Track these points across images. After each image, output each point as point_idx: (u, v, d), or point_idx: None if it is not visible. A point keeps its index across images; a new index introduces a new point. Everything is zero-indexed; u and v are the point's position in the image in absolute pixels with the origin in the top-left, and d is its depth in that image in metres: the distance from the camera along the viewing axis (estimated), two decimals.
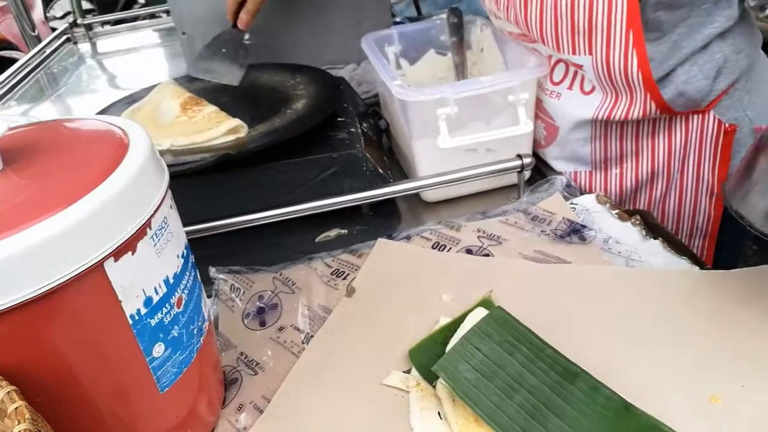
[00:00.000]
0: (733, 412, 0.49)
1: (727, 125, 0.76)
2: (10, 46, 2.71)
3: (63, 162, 0.44)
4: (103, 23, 1.78)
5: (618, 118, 0.76)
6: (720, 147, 0.77)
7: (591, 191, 0.85)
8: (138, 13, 1.99)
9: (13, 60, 1.79)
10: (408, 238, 0.73)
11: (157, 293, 0.45)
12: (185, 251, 0.50)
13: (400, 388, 0.55)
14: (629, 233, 0.70)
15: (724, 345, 0.55)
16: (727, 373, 0.52)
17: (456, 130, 0.76)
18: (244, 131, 0.81)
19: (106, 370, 0.43)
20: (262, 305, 0.67)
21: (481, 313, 0.59)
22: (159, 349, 0.46)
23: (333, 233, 0.79)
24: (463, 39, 0.97)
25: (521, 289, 0.63)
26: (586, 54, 0.73)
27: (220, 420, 0.55)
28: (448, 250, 0.71)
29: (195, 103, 0.85)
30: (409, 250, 0.71)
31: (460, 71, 0.96)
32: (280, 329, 0.64)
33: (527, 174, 0.80)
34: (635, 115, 0.75)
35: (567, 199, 0.76)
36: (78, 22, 1.71)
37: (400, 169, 0.93)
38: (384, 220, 0.81)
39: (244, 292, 0.69)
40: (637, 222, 0.71)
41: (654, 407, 0.49)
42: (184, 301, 0.48)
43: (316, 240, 0.78)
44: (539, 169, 0.87)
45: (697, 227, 0.84)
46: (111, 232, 0.41)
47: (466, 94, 0.75)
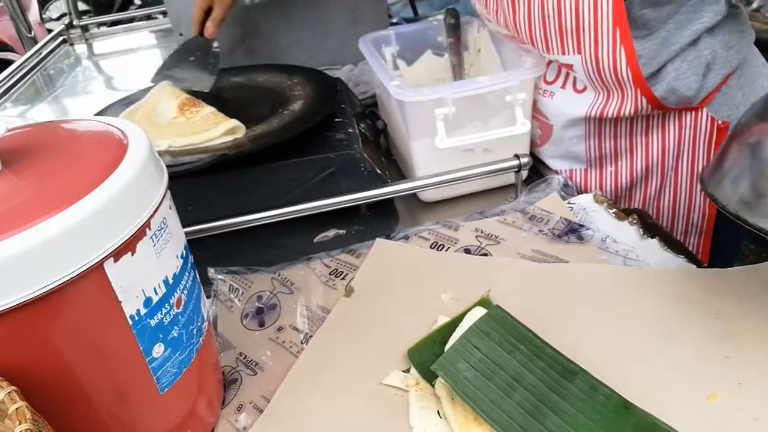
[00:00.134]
0: (731, 410, 0.49)
1: (720, 122, 0.76)
2: (6, 47, 2.71)
3: (62, 163, 0.44)
4: (100, 24, 1.77)
5: (611, 115, 0.77)
6: (713, 144, 0.78)
7: (586, 189, 0.86)
8: (134, 14, 1.99)
9: (9, 61, 1.79)
10: (406, 238, 0.74)
11: (156, 293, 0.45)
12: (184, 252, 0.50)
13: (399, 387, 0.55)
14: (626, 232, 0.70)
15: (721, 343, 0.55)
16: (725, 371, 0.53)
17: (453, 130, 0.77)
18: (241, 132, 0.81)
19: (106, 371, 0.43)
20: (260, 306, 0.67)
21: (479, 312, 0.59)
22: (159, 350, 0.46)
23: (331, 233, 0.79)
24: (460, 40, 0.97)
25: (519, 289, 0.64)
26: (575, 53, 0.74)
27: (219, 420, 0.55)
28: (447, 250, 0.71)
29: (192, 104, 0.85)
30: (407, 250, 0.72)
31: (458, 72, 0.97)
32: (279, 329, 0.64)
33: (524, 174, 0.81)
34: (627, 112, 0.76)
35: (564, 198, 0.77)
36: (74, 23, 1.71)
37: (398, 170, 0.93)
38: (382, 220, 0.81)
39: (242, 293, 0.69)
40: (635, 221, 0.71)
41: (652, 405, 0.50)
42: (183, 302, 0.48)
43: (314, 240, 0.78)
44: (536, 169, 0.88)
45: (693, 224, 0.84)
46: (111, 233, 0.41)
47: (463, 95, 0.75)
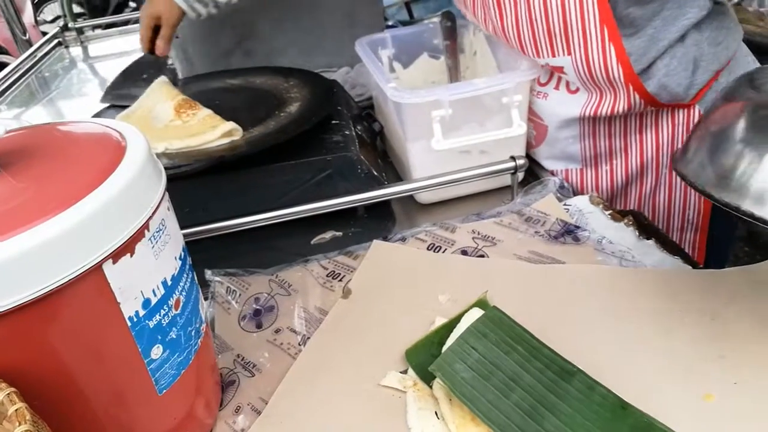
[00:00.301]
0: (727, 410, 0.50)
1: None
2: (1, 50, 2.70)
3: (61, 165, 0.44)
4: (95, 27, 1.77)
5: (604, 114, 0.78)
6: None
7: (582, 188, 0.86)
8: (129, 16, 1.99)
9: (3, 64, 1.79)
10: (403, 239, 0.74)
11: (155, 295, 0.45)
12: (183, 253, 0.50)
13: (397, 388, 0.55)
14: (622, 233, 0.71)
15: (717, 343, 0.55)
16: (720, 371, 0.53)
17: (450, 132, 0.77)
18: (238, 134, 0.81)
19: (104, 372, 0.44)
20: (258, 307, 0.67)
21: (476, 313, 0.59)
22: (157, 351, 0.46)
23: (328, 235, 0.79)
24: (456, 42, 0.98)
25: (516, 290, 0.64)
26: (565, 54, 0.75)
27: (217, 422, 0.55)
28: (444, 252, 0.71)
29: (189, 106, 0.84)
30: (404, 252, 0.72)
31: (454, 74, 0.97)
32: (277, 331, 0.64)
33: (521, 175, 0.81)
34: (621, 110, 0.76)
35: (560, 200, 0.77)
36: (69, 25, 1.70)
37: (394, 172, 0.93)
38: (379, 222, 0.81)
39: (240, 295, 0.69)
40: (630, 222, 0.72)
41: (649, 405, 0.50)
42: (182, 303, 0.48)
43: (311, 242, 0.78)
44: (532, 171, 0.88)
45: (688, 221, 0.85)
46: (109, 234, 0.41)
47: (460, 96, 0.76)
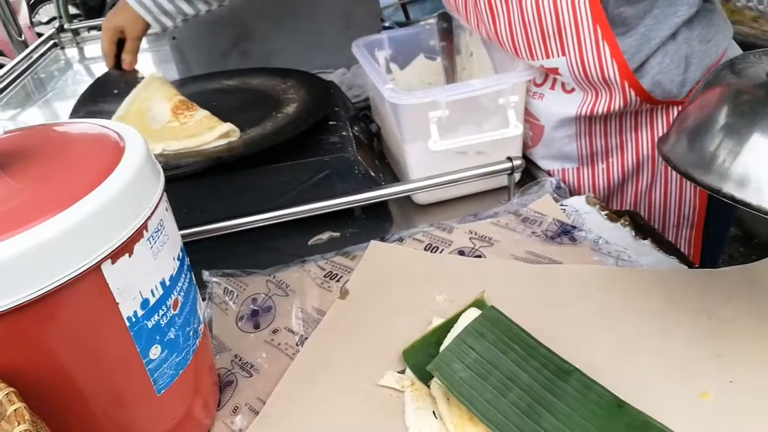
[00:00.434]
0: (723, 408, 0.50)
1: None
2: None
3: (59, 165, 0.45)
4: (90, 28, 1.76)
5: (601, 112, 0.78)
6: None
7: (579, 187, 0.87)
8: None
9: None
10: (400, 240, 0.74)
11: (153, 295, 0.45)
12: (181, 254, 0.50)
13: (394, 388, 0.55)
14: (619, 234, 0.71)
15: (713, 342, 0.56)
16: (716, 370, 0.53)
17: (447, 133, 0.77)
18: (236, 135, 0.81)
19: (103, 372, 0.44)
20: (255, 308, 0.67)
21: (474, 313, 0.59)
22: (155, 351, 0.46)
23: (325, 236, 0.79)
24: (452, 43, 0.98)
25: (513, 290, 0.64)
26: (559, 55, 0.75)
27: (215, 422, 0.55)
28: (441, 252, 0.71)
29: (186, 107, 0.84)
30: (401, 252, 0.72)
31: (450, 75, 0.97)
32: (274, 331, 0.64)
33: (517, 176, 0.81)
34: (617, 107, 0.77)
35: (557, 200, 0.77)
36: (65, 27, 1.70)
37: (391, 173, 0.94)
38: (376, 222, 0.82)
39: (237, 295, 0.69)
40: (627, 222, 0.72)
41: (645, 404, 0.50)
42: (180, 303, 0.48)
43: (309, 243, 0.78)
44: (528, 171, 0.89)
45: (684, 217, 0.86)
46: (108, 235, 0.41)
47: (457, 97, 0.76)
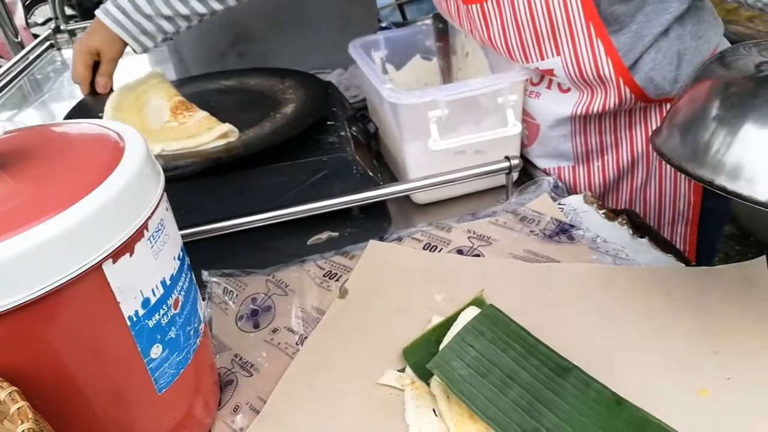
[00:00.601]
0: (721, 405, 0.50)
1: None
2: None
3: (59, 165, 0.45)
4: (86, 29, 1.76)
5: (596, 111, 0.79)
6: None
7: (575, 185, 0.88)
8: None
9: None
10: (399, 239, 0.74)
11: (154, 295, 0.45)
12: (181, 253, 0.50)
13: (394, 386, 0.55)
14: (616, 232, 0.72)
15: (710, 339, 0.56)
16: (714, 367, 0.54)
17: (446, 132, 0.78)
18: (234, 136, 0.81)
19: (104, 372, 0.44)
20: (255, 307, 0.67)
21: (473, 311, 0.60)
22: (156, 351, 0.46)
23: (324, 236, 0.79)
24: (448, 44, 0.98)
25: (512, 288, 0.64)
26: (554, 55, 0.76)
27: (216, 421, 0.55)
28: (440, 251, 0.72)
29: (186, 108, 0.85)
30: (400, 252, 0.72)
31: (446, 76, 0.98)
32: (274, 331, 0.64)
33: (515, 175, 0.82)
34: (612, 105, 0.77)
35: (555, 199, 0.78)
36: (61, 27, 1.70)
37: (389, 172, 0.94)
38: (374, 222, 0.82)
39: (237, 295, 0.69)
40: (624, 221, 0.73)
41: (644, 401, 0.51)
42: (180, 303, 0.48)
43: (308, 243, 0.79)
44: (525, 170, 0.89)
45: (679, 213, 0.87)
46: (109, 234, 0.41)
47: (456, 97, 0.76)
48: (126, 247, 0.42)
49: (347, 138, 0.84)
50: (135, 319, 0.44)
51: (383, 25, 1.43)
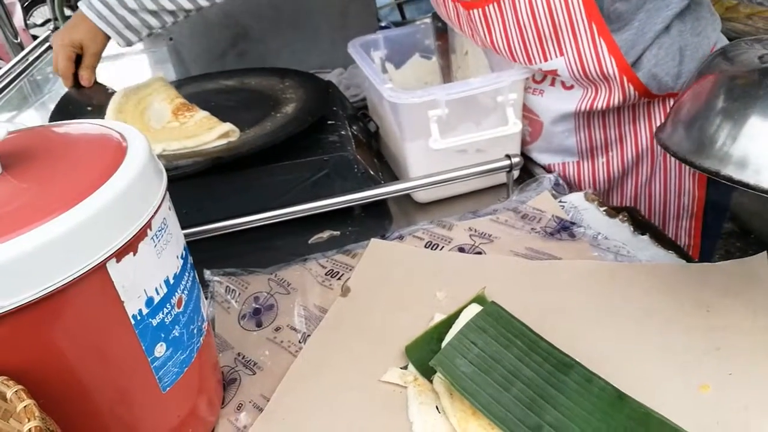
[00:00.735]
0: (723, 400, 0.51)
1: None
2: None
3: (63, 165, 0.45)
4: None
5: (601, 107, 0.79)
6: None
7: (580, 181, 0.88)
8: None
9: None
10: (401, 237, 0.74)
11: (158, 293, 0.45)
12: (184, 252, 0.51)
13: (397, 383, 0.56)
14: (617, 229, 0.72)
15: (711, 335, 0.56)
16: (716, 362, 0.54)
17: (447, 131, 0.78)
18: (235, 135, 0.81)
19: (109, 370, 0.44)
20: (257, 306, 0.67)
21: (475, 309, 0.60)
22: (160, 349, 0.46)
23: (325, 235, 0.79)
24: (447, 42, 0.99)
25: (514, 285, 0.65)
26: (557, 56, 0.76)
27: (220, 419, 0.55)
28: (441, 249, 0.72)
29: (187, 108, 0.85)
30: (402, 250, 0.72)
31: (446, 74, 0.98)
32: (277, 329, 0.64)
33: (516, 173, 0.82)
34: (616, 102, 0.78)
35: (555, 197, 0.78)
36: (60, 28, 1.69)
37: (390, 171, 0.94)
38: (376, 221, 0.82)
39: (239, 294, 0.69)
40: (625, 218, 0.73)
41: (646, 396, 0.51)
42: (184, 302, 0.49)
43: (309, 242, 0.79)
44: (527, 169, 0.89)
45: (684, 207, 0.87)
46: (113, 234, 0.41)
47: (456, 96, 0.76)
48: (129, 247, 0.42)
49: (348, 137, 0.84)
50: (139, 317, 0.44)
51: (382, 24, 1.43)
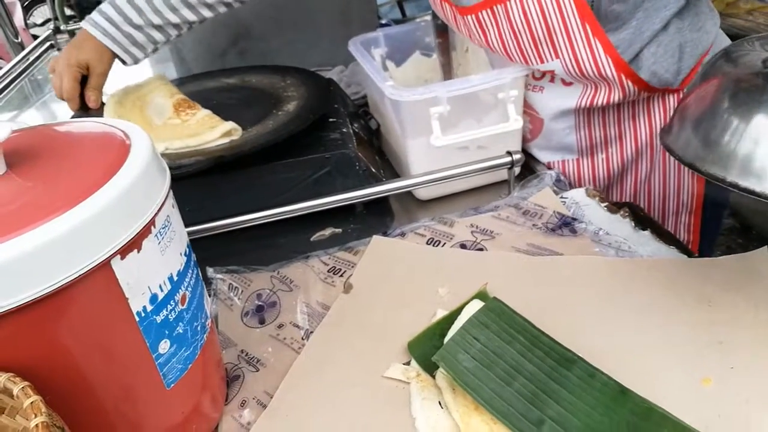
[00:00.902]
0: (725, 394, 0.51)
1: None
2: None
3: (66, 163, 0.45)
4: None
5: (601, 104, 0.79)
6: None
7: (580, 178, 0.88)
8: None
9: None
10: (402, 234, 0.75)
11: (162, 290, 0.46)
12: (187, 249, 0.51)
13: (400, 379, 0.56)
14: (618, 225, 0.72)
15: (713, 329, 0.57)
16: (717, 356, 0.54)
17: (448, 128, 0.78)
18: (237, 134, 0.81)
19: (113, 367, 0.44)
20: (260, 303, 0.67)
21: (477, 305, 0.60)
22: (165, 346, 0.46)
23: (327, 232, 0.80)
24: (448, 40, 0.99)
25: (515, 281, 0.65)
26: (553, 59, 0.76)
27: (224, 416, 0.56)
28: (443, 246, 0.72)
29: (188, 106, 0.85)
30: (404, 247, 0.73)
31: (446, 72, 0.98)
32: (280, 326, 0.64)
33: (517, 170, 0.82)
34: (616, 99, 0.78)
35: (557, 193, 0.78)
36: (61, 28, 1.69)
37: (392, 169, 0.94)
38: (377, 218, 0.82)
39: (242, 291, 0.69)
40: (626, 214, 0.73)
41: (648, 390, 0.51)
42: (187, 299, 0.49)
43: (311, 239, 0.79)
44: (527, 165, 0.89)
45: (683, 204, 0.87)
46: (117, 231, 0.41)
47: (457, 93, 0.77)
48: (134, 244, 0.42)
49: (349, 135, 0.85)
50: (143, 314, 0.44)
51: (383, 22, 1.43)
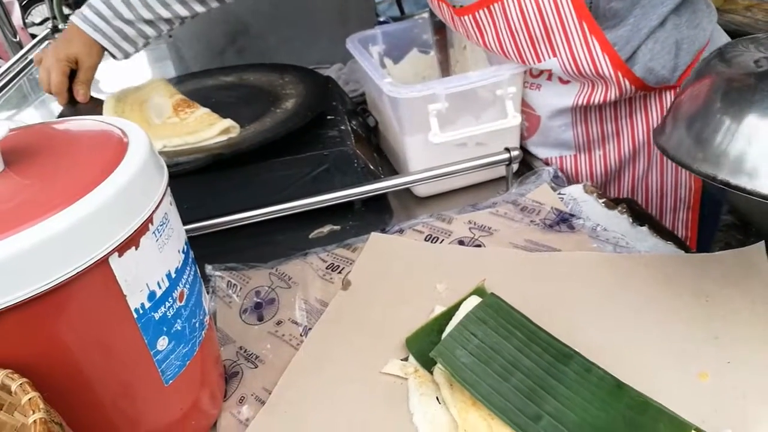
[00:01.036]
0: (721, 388, 0.51)
1: None
2: None
3: (64, 161, 0.45)
4: None
5: (597, 102, 0.79)
6: None
7: (577, 175, 0.88)
8: None
9: None
10: (401, 231, 0.75)
11: (160, 287, 0.46)
12: (185, 247, 0.51)
13: (398, 375, 0.56)
14: (616, 221, 0.72)
15: (710, 324, 0.57)
16: (714, 351, 0.54)
17: (446, 125, 0.78)
18: (236, 131, 0.81)
19: (112, 364, 0.44)
20: (259, 300, 0.68)
21: (475, 301, 0.60)
22: (163, 343, 0.47)
23: (326, 229, 0.80)
24: (445, 37, 0.99)
25: (513, 277, 0.65)
26: (550, 57, 0.76)
27: (222, 412, 0.56)
28: (441, 242, 0.72)
29: (187, 105, 0.85)
30: (402, 243, 0.73)
31: (444, 69, 0.98)
32: (278, 323, 0.65)
33: (515, 166, 0.82)
34: (613, 97, 0.78)
35: (554, 189, 0.78)
36: (60, 27, 1.69)
37: (390, 166, 0.94)
38: (376, 215, 0.82)
39: (240, 288, 0.69)
40: (624, 210, 0.73)
41: (645, 385, 0.51)
42: (185, 295, 0.49)
43: (310, 236, 0.79)
44: (525, 161, 0.89)
45: (681, 200, 0.87)
46: (115, 228, 0.41)
47: (455, 90, 0.77)
48: (132, 241, 0.43)
49: (348, 132, 0.85)
50: (141, 311, 0.44)
51: (381, 19, 1.43)
